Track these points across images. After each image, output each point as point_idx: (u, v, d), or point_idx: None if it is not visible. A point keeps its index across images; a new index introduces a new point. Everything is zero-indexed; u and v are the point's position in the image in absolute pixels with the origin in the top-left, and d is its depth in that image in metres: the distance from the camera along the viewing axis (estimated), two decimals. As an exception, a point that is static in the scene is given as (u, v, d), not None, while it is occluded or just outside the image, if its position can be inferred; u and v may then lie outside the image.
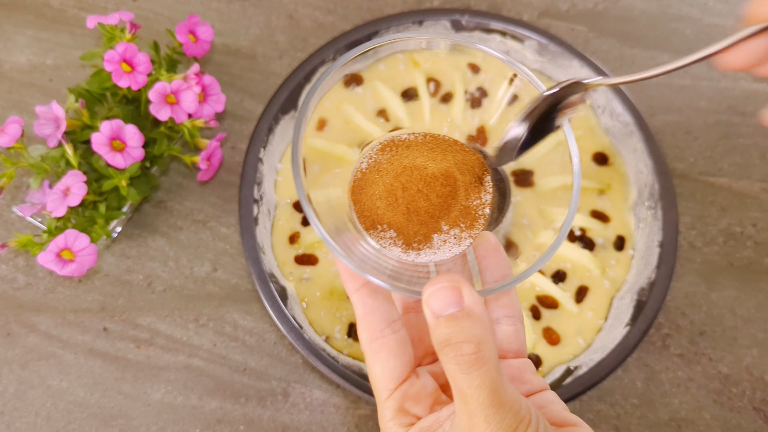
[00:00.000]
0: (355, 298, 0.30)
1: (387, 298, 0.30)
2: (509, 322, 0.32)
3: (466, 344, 0.25)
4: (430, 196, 0.33)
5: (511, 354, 0.31)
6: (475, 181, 0.35)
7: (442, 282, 0.26)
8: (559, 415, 0.29)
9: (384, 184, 0.34)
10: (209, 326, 0.51)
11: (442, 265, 0.33)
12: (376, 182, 0.34)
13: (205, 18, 0.62)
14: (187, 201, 0.55)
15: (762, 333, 0.52)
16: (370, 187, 0.35)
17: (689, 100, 0.61)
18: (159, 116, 0.49)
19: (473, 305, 0.26)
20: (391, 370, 0.29)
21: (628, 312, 0.51)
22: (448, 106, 0.58)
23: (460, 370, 0.25)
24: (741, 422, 0.50)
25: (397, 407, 0.28)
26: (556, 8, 0.64)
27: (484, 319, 0.26)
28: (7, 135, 0.47)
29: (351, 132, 0.58)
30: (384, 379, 0.29)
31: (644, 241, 0.53)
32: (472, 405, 0.25)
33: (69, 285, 0.52)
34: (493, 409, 0.25)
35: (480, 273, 0.32)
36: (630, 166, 0.56)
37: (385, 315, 0.29)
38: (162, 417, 0.49)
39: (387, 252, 0.32)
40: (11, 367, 0.50)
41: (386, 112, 0.57)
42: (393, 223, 0.33)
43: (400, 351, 0.29)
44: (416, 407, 0.29)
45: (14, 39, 0.60)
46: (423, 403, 0.29)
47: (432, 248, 0.33)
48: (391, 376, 0.29)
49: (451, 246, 0.33)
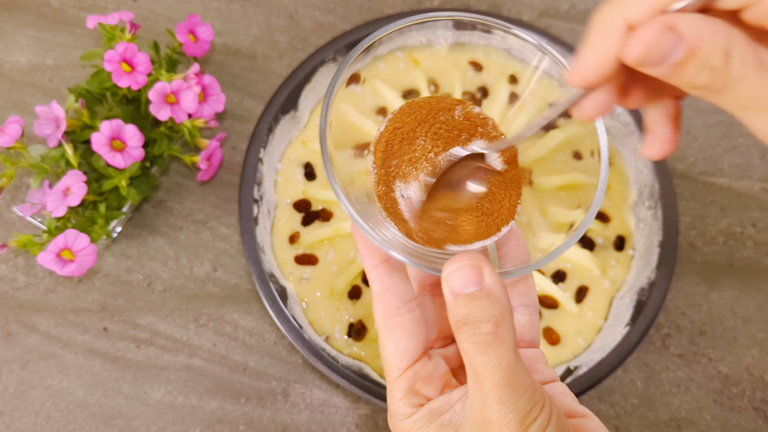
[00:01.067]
0: (373, 276, 0.29)
1: (404, 277, 0.30)
2: (525, 311, 0.32)
3: (484, 324, 0.25)
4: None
5: (524, 343, 0.31)
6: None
7: (462, 260, 0.26)
8: (569, 406, 0.29)
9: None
10: (209, 326, 0.51)
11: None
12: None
13: (205, 18, 0.62)
14: (187, 201, 0.55)
15: (762, 333, 0.52)
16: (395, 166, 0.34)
17: (689, 100, 0.61)
18: (159, 116, 0.49)
19: (493, 285, 0.26)
20: (404, 349, 0.28)
21: (628, 312, 0.51)
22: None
23: (476, 350, 0.25)
24: (741, 422, 0.50)
25: (408, 387, 0.28)
26: (556, 8, 0.64)
27: (504, 300, 0.26)
28: (7, 135, 0.47)
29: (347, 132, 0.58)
30: (397, 357, 0.28)
31: (644, 241, 0.53)
32: (486, 385, 0.25)
33: (69, 285, 0.52)
34: (507, 390, 0.25)
35: (499, 258, 0.32)
36: (630, 166, 0.56)
37: (401, 294, 0.29)
38: (162, 417, 0.49)
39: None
40: (11, 367, 0.50)
41: (386, 111, 0.57)
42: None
43: (414, 330, 0.29)
44: (427, 388, 0.28)
45: (14, 39, 0.60)
46: (434, 384, 0.29)
47: None
48: (404, 355, 0.28)
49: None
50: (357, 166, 0.34)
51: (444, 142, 0.33)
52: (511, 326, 0.25)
